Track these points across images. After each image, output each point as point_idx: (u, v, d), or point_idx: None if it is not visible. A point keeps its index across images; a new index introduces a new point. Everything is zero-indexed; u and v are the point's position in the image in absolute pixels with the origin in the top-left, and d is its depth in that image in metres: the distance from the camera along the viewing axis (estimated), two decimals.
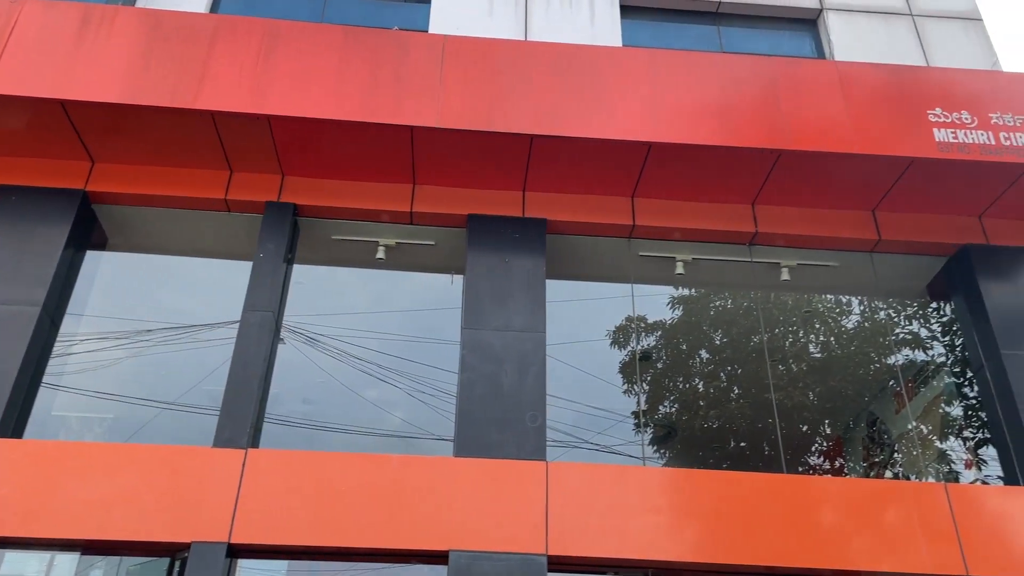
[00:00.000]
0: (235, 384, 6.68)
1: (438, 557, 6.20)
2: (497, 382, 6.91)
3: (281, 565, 6.82)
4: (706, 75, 7.77)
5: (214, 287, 8.12)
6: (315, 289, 8.00)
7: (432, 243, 7.93)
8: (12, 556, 6.29)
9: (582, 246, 8.04)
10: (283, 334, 7.38)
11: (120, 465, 6.24)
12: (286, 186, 7.65)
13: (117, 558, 6.42)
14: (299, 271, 7.72)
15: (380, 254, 7.86)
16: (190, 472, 6.22)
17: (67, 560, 6.33)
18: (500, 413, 6.77)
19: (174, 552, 6.12)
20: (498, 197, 7.76)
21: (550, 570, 6.19)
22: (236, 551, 6.09)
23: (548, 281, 7.62)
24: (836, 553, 6.40)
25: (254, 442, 6.59)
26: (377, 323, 8.01)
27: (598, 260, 8.19)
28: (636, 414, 8.29)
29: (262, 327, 6.98)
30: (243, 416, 6.53)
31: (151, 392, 7.49)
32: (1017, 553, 6.41)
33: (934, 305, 8.56)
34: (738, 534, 6.42)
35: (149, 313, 7.87)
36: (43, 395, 6.95)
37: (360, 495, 6.27)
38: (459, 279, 7.75)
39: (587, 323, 8.49)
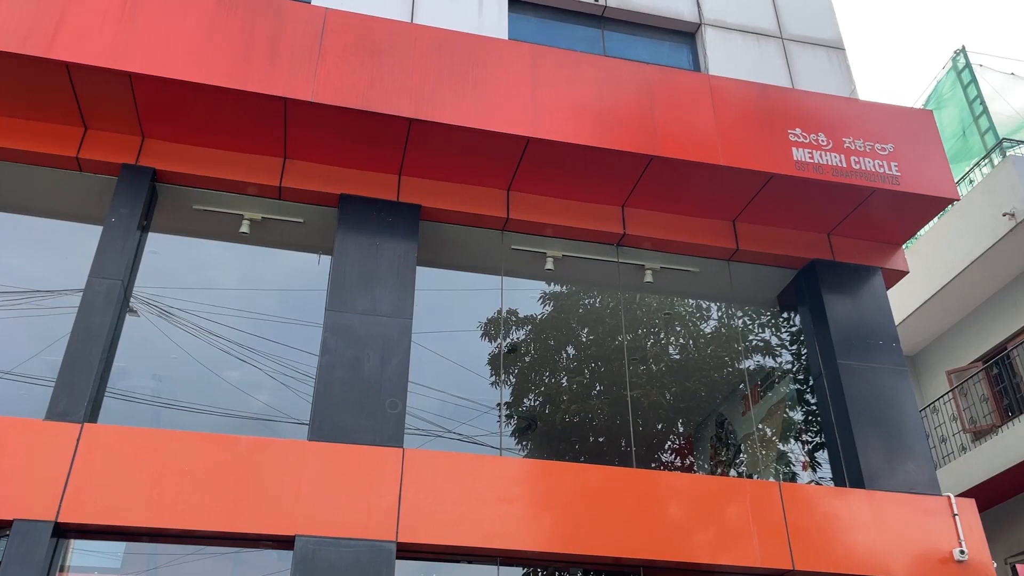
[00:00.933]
0: (74, 354, 6.28)
1: (284, 542, 6.05)
2: (359, 366, 6.80)
3: (118, 548, 6.47)
4: (588, 76, 7.90)
5: (61, 251, 7.60)
6: (172, 260, 7.63)
7: (301, 220, 7.71)
8: None
9: (456, 235, 8.03)
10: (135, 305, 7.00)
11: None
12: (145, 149, 7.25)
13: None
14: (155, 240, 7.34)
15: (244, 228, 7.58)
16: (16, 445, 5.80)
17: None
18: (359, 398, 6.67)
19: None
20: (373, 179, 7.63)
21: (400, 557, 6.17)
22: (64, 530, 5.73)
23: (419, 268, 7.58)
24: (680, 546, 6.67)
25: (92, 416, 6.22)
26: (241, 301, 7.72)
27: (471, 250, 8.20)
28: (499, 405, 8.37)
29: (108, 296, 6.59)
30: (81, 389, 6.15)
31: None
32: (839, 549, 6.87)
33: (784, 315, 9.06)
34: (589, 525, 6.58)
35: None
36: None
37: (205, 476, 6.03)
38: (327, 259, 7.58)
39: (457, 313, 8.49)
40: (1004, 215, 11.15)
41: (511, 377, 8.69)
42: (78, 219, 7.51)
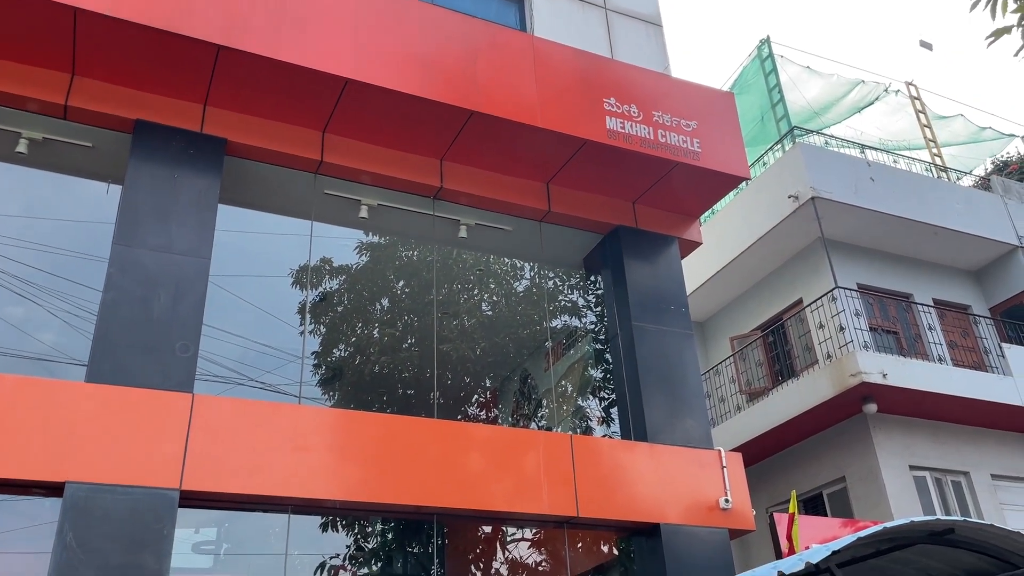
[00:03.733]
0: None
1: (54, 489, 5.63)
2: (148, 306, 6.39)
3: None
4: (414, 23, 7.75)
5: None
6: None
7: (89, 145, 7.06)
8: None
9: (265, 174, 7.67)
10: None
11: None
12: None
13: None
14: None
15: (21, 147, 6.84)
16: None
17: None
18: (147, 339, 6.27)
19: None
20: (174, 106, 7.11)
21: (184, 505, 5.92)
22: None
23: (223, 207, 7.18)
24: (477, 495, 6.86)
25: None
26: (22, 230, 6.99)
27: (281, 192, 7.87)
28: (303, 356, 8.17)
29: None
30: None
31: None
32: (621, 497, 7.35)
33: (591, 278, 9.45)
34: (390, 475, 6.62)
35: None
36: None
37: None
38: (116, 189, 7.00)
39: (266, 257, 8.16)
40: (789, 197, 12.20)
41: (321, 326, 8.51)
42: None
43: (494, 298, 9.79)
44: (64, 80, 6.78)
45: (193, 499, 6.01)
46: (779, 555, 8.57)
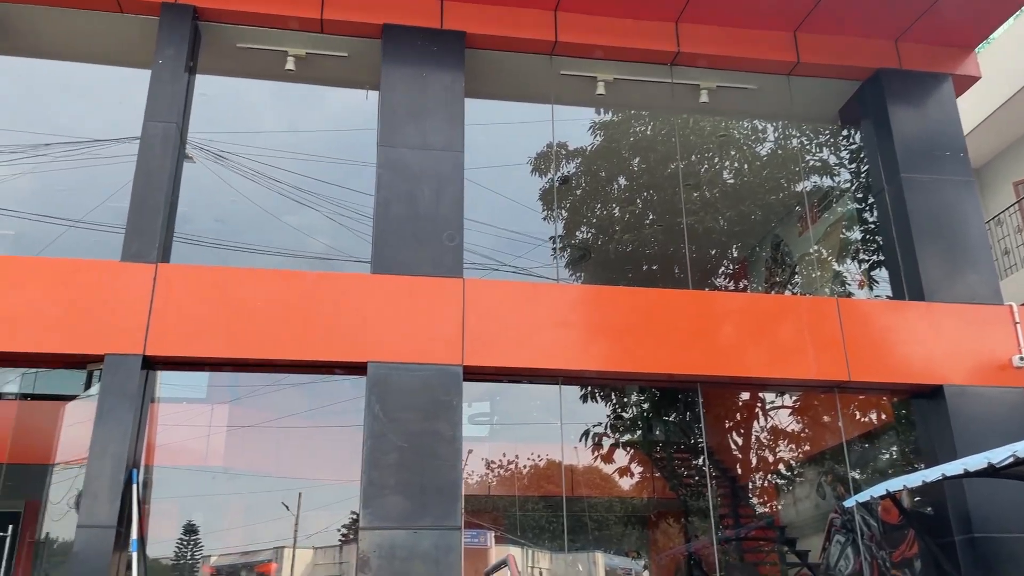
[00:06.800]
0: (140, 197, 6.44)
1: (357, 369, 6.36)
2: (414, 201, 6.86)
3: (202, 378, 6.91)
4: None
5: (112, 99, 7.63)
6: (222, 103, 7.61)
7: (345, 55, 7.55)
8: None
9: (502, 63, 7.79)
10: (190, 151, 7.07)
11: (25, 279, 6.07)
12: None
13: (33, 370, 6.41)
14: (203, 82, 7.29)
15: (289, 65, 7.46)
16: (99, 286, 6.10)
17: None
18: (417, 232, 6.76)
19: (86, 363, 6.11)
20: (414, 6, 7.36)
21: (466, 379, 6.46)
22: (151, 363, 6.12)
23: (466, 100, 7.43)
24: (736, 362, 6.84)
25: (164, 257, 6.46)
26: (292, 142, 7.73)
27: (518, 78, 7.98)
28: (553, 238, 8.43)
29: (165, 139, 6.66)
30: (150, 230, 6.35)
31: (52, 209, 7.17)
32: (895, 360, 6.98)
33: (844, 132, 8.76)
34: (645, 346, 6.77)
35: (44, 126, 7.39)
36: None
37: (276, 309, 6.30)
38: (374, 95, 7.47)
39: (506, 146, 8.39)
40: None
41: (562, 211, 8.70)
42: (125, 63, 7.48)
43: (735, 165, 9.41)
44: None
45: (474, 373, 6.53)
46: None
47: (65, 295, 6.03)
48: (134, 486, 5.74)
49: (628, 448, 9.05)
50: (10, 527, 6.33)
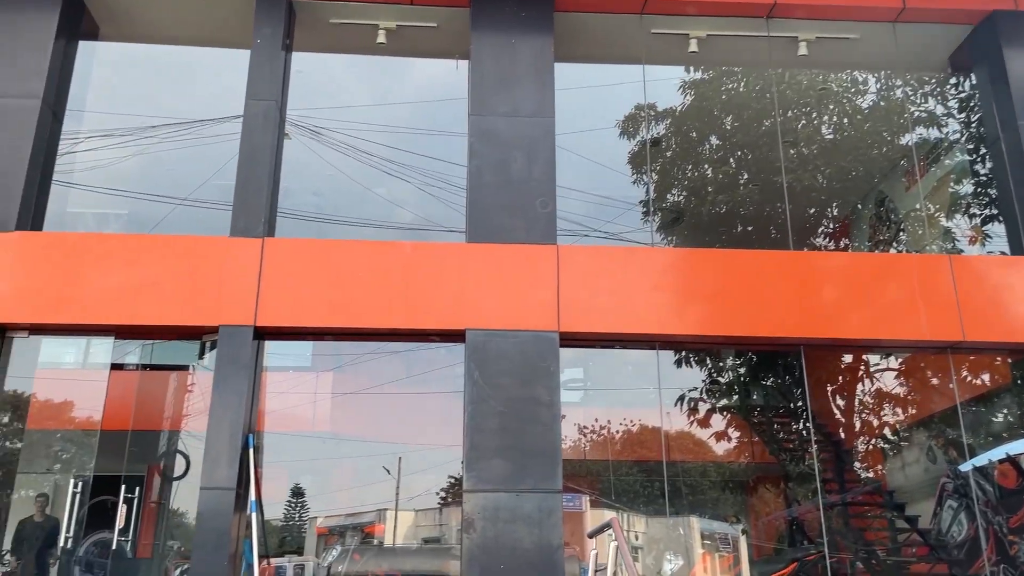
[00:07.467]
0: (245, 174, 6.68)
1: (455, 336, 6.48)
2: (506, 169, 6.88)
3: (306, 347, 7.18)
4: None
5: (212, 79, 7.90)
6: (315, 79, 7.77)
7: (434, 25, 7.59)
8: (49, 343, 6.61)
9: (591, 24, 7.68)
10: (287, 128, 7.26)
11: (142, 256, 6.40)
12: None
13: (147, 342, 6.78)
14: (298, 59, 7.46)
15: (381, 38, 7.55)
16: (211, 260, 6.38)
17: (101, 347, 6.67)
18: (510, 200, 6.79)
19: (201, 335, 6.42)
20: None
21: (562, 345, 6.49)
22: (262, 333, 6.38)
23: (557, 64, 7.36)
24: (838, 324, 6.65)
25: (269, 232, 6.69)
26: (382, 116, 7.84)
27: (608, 39, 7.86)
28: (645, 202, 8.33)
29: (267, 117, 6.86)
30: (256, 206, 6.58)
31: (160, 189, 7.50)
32: (1011, 318, 6.65)
33: (953, 80, 8.30)
34: (741, 308, 6.65)
35: (149, 109, 7.72)
36: (56, 193, 6.98)
37: (376, 279, 6.46)
38: (464, 64, 7.49)
39: (594, 110, 8.30)
40: None
41: (653, 173, 8.57)
42: (224, 44, 7.72)
43: (834, 119, 9.05)
44: None
45: (570, 339, 6.55)
46: None
47: (181, 270, 6.34)
48: (250, 450, 6.03)
49: (725, 413, 8.95)
50: (136, 489, 6.75)
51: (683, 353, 7.84)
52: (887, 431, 8.82)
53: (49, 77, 6.82)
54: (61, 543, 6.32)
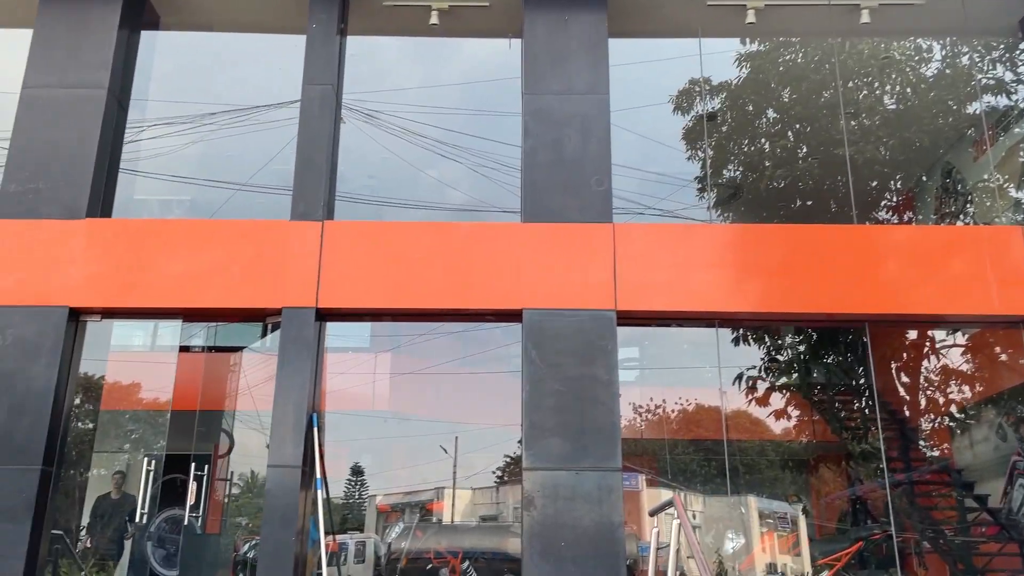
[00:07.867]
0: (304, 158, 6.77)
1: (512, 316, 6.50)
2: (561, 148, 6.84)
3: (365, 328, 7.30)
4: None
5: (270, 66, 8.01)
6: (369, 62, 7.82)
7: (487, 4, 7.55)
8: (120, 327, 6.84)
9: None
10: (342, 112, 7.33)
11: (207, 240, 6.55)
12: None
13: (211, 324, 6.97)
14: (353, 43, 7.51)
15: (434, 19, 7.55)
16: (273, 244, 6.50)
17: (168, 330, 6.87)
18: (565, 178, 6.75)
19: (265, 317, 6.57)
20: None
21: (620, 324, 6.46)
22: (323, 315, 6.48)
23: (609, 40, 7.28)
24: (903, 299, 6.48)
25: (328, 215, 6.78)
26: (434, 97, 7.87)
27: (663, 13, 7.71)
28: (700, 178, 8.22)
29: (324, 101, 6.93)
30: (315, 189, 6.68)
31: (221, 175, 7.66)
32: None
33: None
34: (803, 284, 6.52)
35: (208, 96, 7.86)
36: (122, 180, 7.18)
37: (433, 260, 6.51)
38: (516, 43, 7.46)
39: (646, 85, 8.18)
40: None
41: (708, 148, 8.44)
42: (281, 30, 7.81)
43: (897, 89, 8.78)
44: None
45: (627, 318, 6.51)
46: None
47: (244, 254, 6.48)
48: (314, 429, 6.16)
49: (784, 391, 8.83)
50: (205, 467, 6.96)
51: (740, 331, 7.75)
52: (954, 409, 8.60)
53: (114, 68, 6.99)
54: (136, 519, 6.56)
